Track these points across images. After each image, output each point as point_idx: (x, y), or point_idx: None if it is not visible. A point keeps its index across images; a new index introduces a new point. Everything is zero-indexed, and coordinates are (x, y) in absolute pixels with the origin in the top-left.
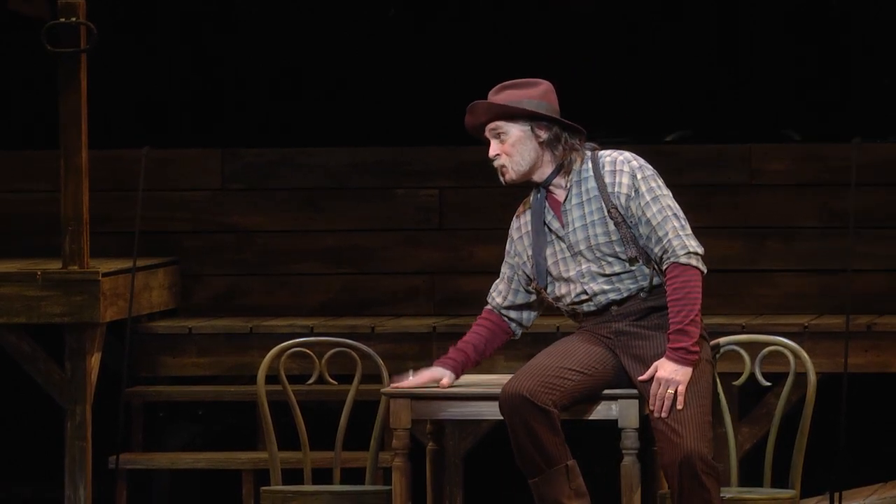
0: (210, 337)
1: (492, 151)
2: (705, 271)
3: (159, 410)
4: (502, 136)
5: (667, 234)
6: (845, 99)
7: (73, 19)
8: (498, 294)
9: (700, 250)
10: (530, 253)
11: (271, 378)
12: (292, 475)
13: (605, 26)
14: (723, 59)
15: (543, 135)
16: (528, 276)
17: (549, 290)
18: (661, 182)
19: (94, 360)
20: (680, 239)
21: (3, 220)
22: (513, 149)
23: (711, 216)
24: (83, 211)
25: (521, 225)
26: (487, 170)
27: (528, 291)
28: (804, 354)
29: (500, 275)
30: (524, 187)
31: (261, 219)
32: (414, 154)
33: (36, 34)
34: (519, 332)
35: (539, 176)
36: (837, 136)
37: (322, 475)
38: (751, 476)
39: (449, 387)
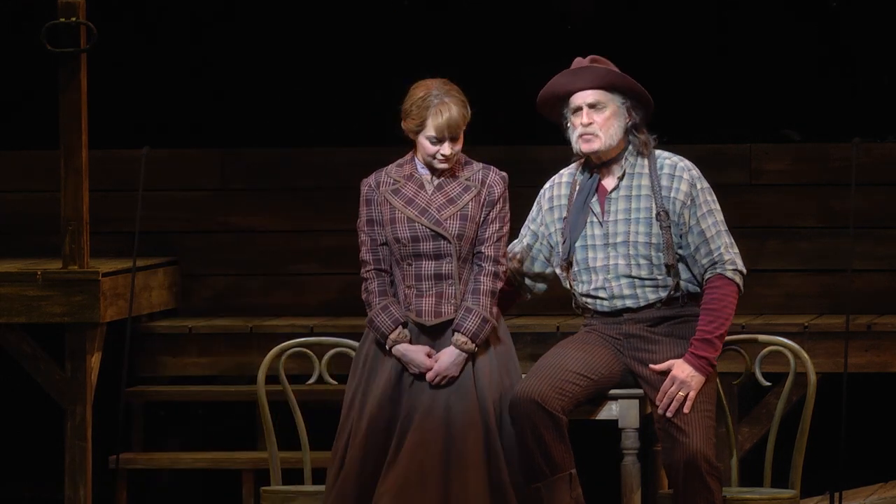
0: (210, 337)
1: (586, 119)
2: (742, 292)
3: (159, 410)
4: (599, 107)
5: (719, 247)
6: (845, 98)
7: (73, 19)
8: (515, 258)
9: (744, 270)
10: (559, 227)
11: (271, 378)
12: (292, 475)
13: (605, 26)
14: (723, 58)
15: (636, 116)
16: (550, 245)
17: (571, 269)
18: (714, 197)
19: (94, 360)
20: (730, 255)
21: (3, 220)
22: (608, 122)
23: None
24: (83, 211)
25: (553, 196)
26: None
27: (546, 260)
28: (804, 354)
29: (520, 237)
30: (521, 187)
31: (261, 219)
32: None
33: (36, 34)
34: (529, 295)
35: (608, 155)
36: (837, 136)
37: (322, 475)
38: (751, 476)
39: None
